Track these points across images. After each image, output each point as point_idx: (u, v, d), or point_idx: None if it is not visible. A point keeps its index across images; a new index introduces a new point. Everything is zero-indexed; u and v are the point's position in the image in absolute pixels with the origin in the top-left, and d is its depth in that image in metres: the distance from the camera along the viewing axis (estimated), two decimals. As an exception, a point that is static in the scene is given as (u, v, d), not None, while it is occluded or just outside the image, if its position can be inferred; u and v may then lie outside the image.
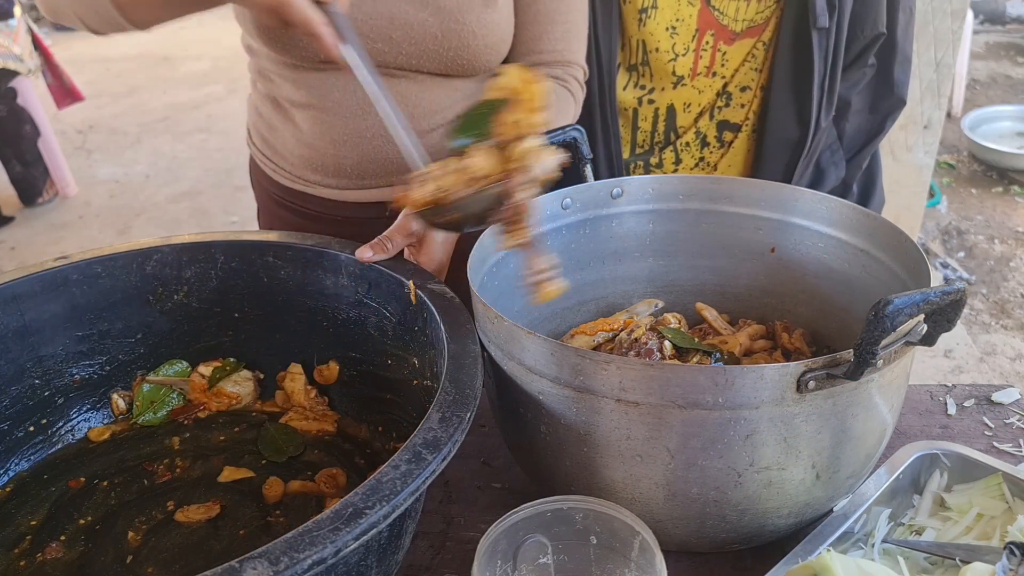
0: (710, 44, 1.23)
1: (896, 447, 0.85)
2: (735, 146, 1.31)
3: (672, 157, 1.32)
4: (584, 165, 1.03)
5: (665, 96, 1.28)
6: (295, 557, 0.54)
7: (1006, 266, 3.53)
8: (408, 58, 1.07)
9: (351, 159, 1.14)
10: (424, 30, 1.05)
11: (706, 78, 1.26)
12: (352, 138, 1.13)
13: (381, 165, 1.15)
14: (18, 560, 0.80)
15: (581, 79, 1.17)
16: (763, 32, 1.23)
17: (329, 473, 0.90)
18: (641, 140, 1.32)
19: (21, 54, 3.85)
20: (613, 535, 0.69)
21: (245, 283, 1.00)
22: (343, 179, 1.16)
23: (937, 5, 2.38)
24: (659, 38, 1.23)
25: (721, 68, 1.25)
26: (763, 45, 1.24)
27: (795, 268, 1.01)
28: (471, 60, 1.09)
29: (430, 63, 1.08)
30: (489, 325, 0.79)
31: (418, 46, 1.06)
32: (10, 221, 4.19)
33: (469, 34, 1.06)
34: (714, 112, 1.29)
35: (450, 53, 1.07)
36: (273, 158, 1.21)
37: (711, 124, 1.30)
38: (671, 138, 1.31)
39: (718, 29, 1.22)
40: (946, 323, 0.69)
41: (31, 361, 0.92)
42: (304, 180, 1.19)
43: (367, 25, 1.04)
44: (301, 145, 1.16)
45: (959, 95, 4.87)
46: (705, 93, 1.27)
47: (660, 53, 1.24)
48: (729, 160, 1.32)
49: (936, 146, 2.61)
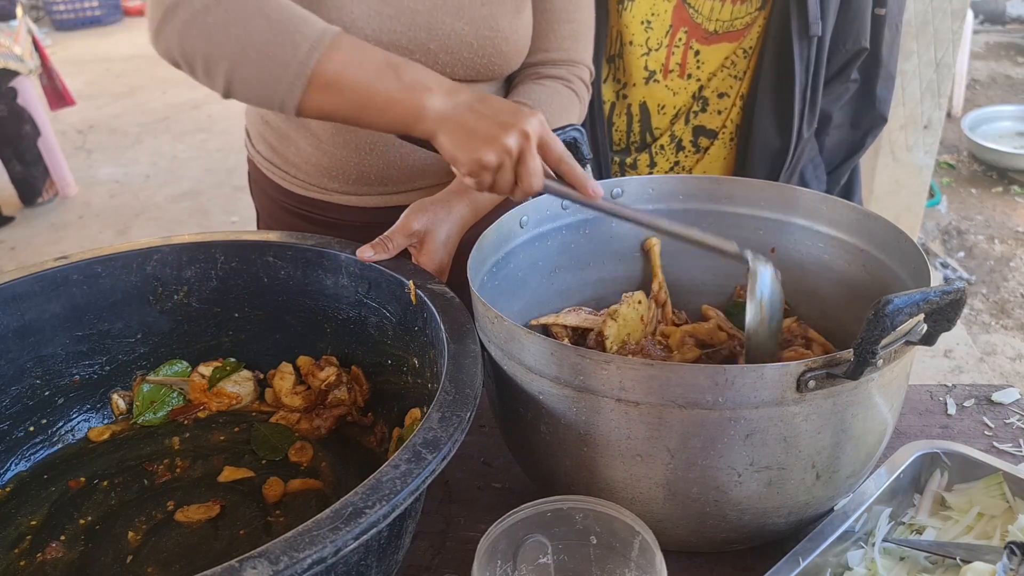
0: (683, 41, 1.23)
1: (896, 447, 0.85)
2: (711, 153, 1.31)
3: (647, 160, 1.33)
4: (584, 165, 1.02)
5: (637, 93, 1.28)
6: (295, 557, 0.54)
7: (1006, 266, 3.53)
8: (443, 67, 1.06)
9: (376, 167, 1.13)
10: (460, 39, 1.05)
11: (680, 79, 1.26)
12: (378, 146, 1.11)
13: (406, 172, 1.14)
14: (18, 560, 0.80)
15: (587, 79, 1.17)
16: (743, 38, 1.23)
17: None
18: (617, 139, 1.32)
19: (22, 54, 3.85)
20: (613, 535, 0.69)
21: (245, 283, 1.00)
22: (365, 186, 1.15)
23: (937, 5, 2.38)
24: (634, 31, 1.23)
25: (696, 70, 1.25)
26: (743, 53, 1.24)
27: (795, 268, 1.01)
28: (502, 65, 1.09)
29: (462, 70, 1.08)
30: (489, 325, 0.79)
31: (453, 55, 1.06)
32: (10, 221, 4.19)
33: (503, 40, 1.07)
34: (689, 116, 1.29)
35: (483, 60, 1.07)
36: (284, 167, 1.19)
37: (686, 128, 1.30)
38: (647, 140, 1.31)
39: (691, 27, 1.22)
40: (946, 323, 0.69)
41: (31, 361, 0.92)
42: (321, 188, 1.17)
43: (405, 37, 1.03)
44: (319, 153, 1.13)
45: (959, 95, 4.87)
46: (680, 95, 1.27)
47: (634, 47, 1.24)
48: (705, 166, 1.32)
49: (936, 146, 2.62)
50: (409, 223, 0.97)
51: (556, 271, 1.03)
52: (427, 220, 0.98)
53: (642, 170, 1.33)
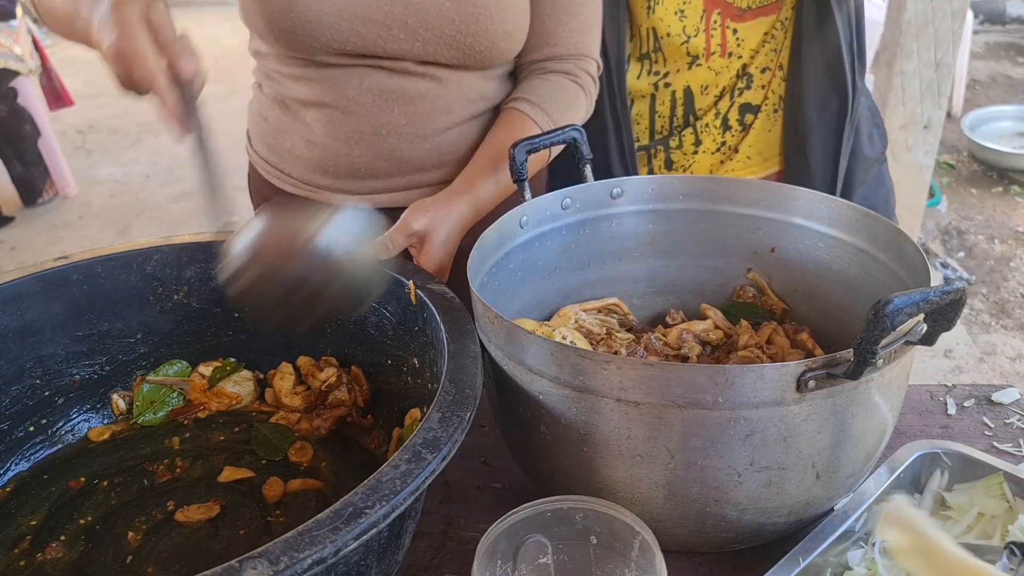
0: (718, 23, 1.24)
1: (896, 447, 0.85)
2: (756, 127, 1.31)
3: (692, 138, 1.32)
4: (584, 165, 1.03)
5: (681, 78, 1.28)
6: (295, 557, 0.54)
7: (1006, 266, 3.53)
8: (425, 45, 1.05)
9: (364, 158, 1.13)
10: (440, 14, 1.04)
11: (722, 58, 1.26)
12: (367, 136, 1.11)
13: (396, 164, 1.13)
14: (18, 560, 0.80)
15: (594, 73, 1.17)
16: (779, 11, 1.24)
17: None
18: (660, 126, 1.33)
19: (22, 54, 3.86)
20: (613, 535, 0.69)
21: (245, 283, 1.00)
22: (354, 181, 1.15)
23: (937, 5, 2.38)
24: (669, 23, 1.24)
25: (737, 47, 1.26)
26: (781, 25, 1.25)
27: (795, 268, 1.01)
28: (489, 47, 1.07)
29: (447, 51, 1.06)
30: (489, 325, 0.79)
31: (434, 32, 1.04)
32: (10, 221, 4.20)
33: (487, 18, 1.05)
34: (734, 94, 1.29)
35: (468, 39, 1.06)
36: (279, 165, 1.20)
37: (733, 107, 1.30)
38: (690, 120, 1.31)
39: (724, 7, 1.23)
40: (946, 323, 0.69)
41: (31, 361, 0.92)
42: (311, 185, 1.17)
43: (382, 11, 1.03)
44: (311, 147, 1.14)
45: (959, 95, 4.87)
46: (723, 75, 1.28)
47: (672, 37, 1.25)
48: (750, 141, 1.32)
49: (936, 146, 2.61)
50: (409, 223, 0.97)
51: (556, 271, 1.03)
52: (427, 220, 0.98)
53: (687, 148, 1.33)
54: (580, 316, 1.00)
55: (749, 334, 0.98)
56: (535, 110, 1.10)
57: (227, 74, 6.22)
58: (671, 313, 1.07)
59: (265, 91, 1.19)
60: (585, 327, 0.99)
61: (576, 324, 0.99)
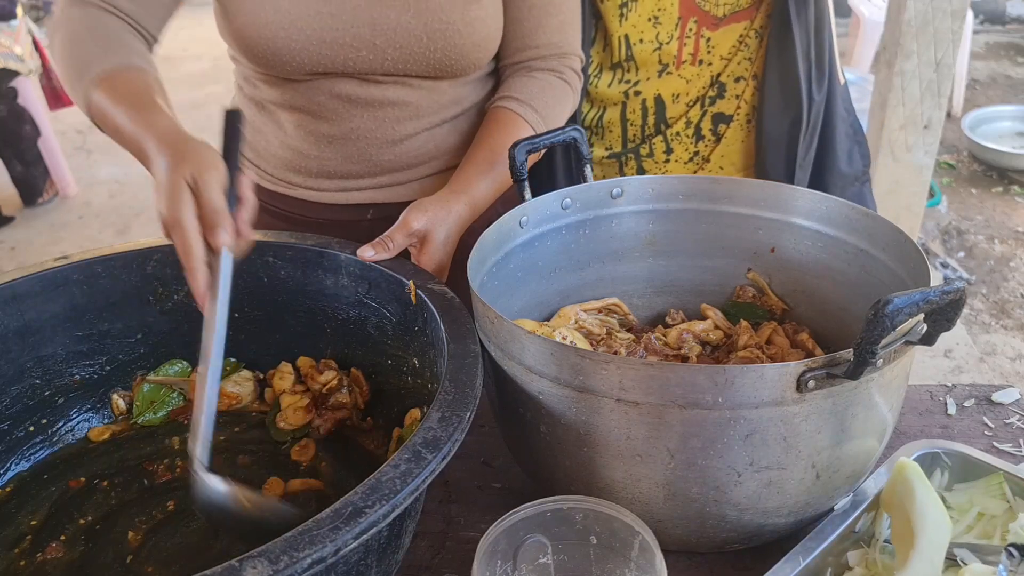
0: (693, 31, 1.23)
1: (896, 447, 0.85)
2: (727, 137, 1.30)
3: (663, 146, 1.31)
4: (584, 165, 1.03)
5: (651, 86, 1.27)
6: (295, 556, 0.54)
7: (1006, 266, 3.53)
8: (394, 63, 1.06)
9: (335, 160, 1.15)
10: (408, 33, 1.04)
11: (692, 66, 1.25)
12: (337, 139, 1.13)
13: (366, 166, 1.15)
14: (18, 560, 0.80)
15: (578, 68, 1.17)
16: (753, 18, 1.22)
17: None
18: (632, 134, 1.32)
19: (22, 54, 3.85)
20: (613, 535, 0.69)
21: (245, 283, 1.00)
22: (326, 180, 1.17)
23: (937, 5, 2.37)
24: (642, 29, 1.23)
25: (707, 55, 1.24)
26: (755, 33, 1.24)
27: (795, 268, 1.01)
28: (458, 59, 1.08)
29: (417, 66, 1.07)
30: (489, 325, 0.79)
31: (403, 50, 1.05)
32: (10, 221, 4.19)
33: (455, 33, 1.05)
34: (706, 103, 1.28)
35: (436, 54, 1.06)
36: (256, 161, 1.22)
37: (705, 117, 1.29)
38: (661, 128, 1.30)
39: (700, 16, 1.22)
40: (946, 323, 0.69)
41: (31, 361, 0.92)
42: (286, 182, 1.19)
43: (348, 34, 1.03)
44: (284, 147, 1.16)
45: (959, 95, 4.87)
46: (694, 83, 1.26)
47: (644, 44, 1.24)
48: (722, 151, 1.31)
49: (936, 146, 2.61)
50: (409, 223, 0.97)
51: (556, 271, 1.04)
52: (427, 220, 0.98)
53: (659, 157, 1.32)
54: (580, 316, 1.00)
55: (749, 334, 0.98)
56: (525, 108, 1.11)
57: (227, 74, 6.22)
58: (671, 313, 1.07)
59: (244, 91, 1.21)
60: (585, 327, 0.99)
61: (576, 324, 0.99)
